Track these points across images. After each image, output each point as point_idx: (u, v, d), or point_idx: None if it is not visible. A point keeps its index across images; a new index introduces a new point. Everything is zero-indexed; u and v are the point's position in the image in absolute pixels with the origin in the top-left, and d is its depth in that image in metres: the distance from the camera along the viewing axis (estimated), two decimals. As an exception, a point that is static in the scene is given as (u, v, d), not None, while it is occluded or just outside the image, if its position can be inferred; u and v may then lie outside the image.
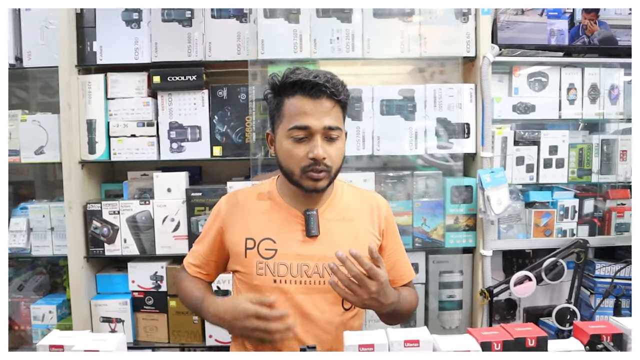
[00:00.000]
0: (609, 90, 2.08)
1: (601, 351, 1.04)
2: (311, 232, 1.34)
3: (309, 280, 1.33)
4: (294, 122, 1.27)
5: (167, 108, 1.98)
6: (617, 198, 2.12)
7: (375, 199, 1.48)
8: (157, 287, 2.03)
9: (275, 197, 1.40)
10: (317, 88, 1.26)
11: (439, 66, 2.10)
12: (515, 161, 2.04)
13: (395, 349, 0.99)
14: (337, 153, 1.31)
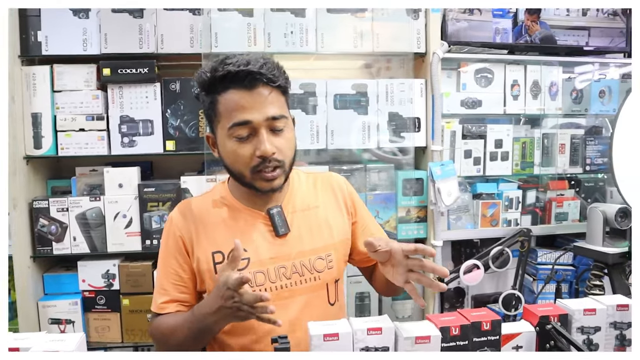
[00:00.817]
0: (549, 87, 2.20)
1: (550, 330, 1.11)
2: (280, 230, 1.25)
3: (289, 282, 1.24)
4: (232, 119, 1.15)
5: (117, 101, 1.93)
6: (556, 189, 2.25)
7: (334, 178, 1.40)
8: (109, 285, 1.98)
9: (231, 202, 1.28)
10: (250, 77, 1.13)
11: (390, 62, 2.15)
12: (463, 154, 2.13)
13: (358, 337, 1.02)
14: (287, 145, 1.20)
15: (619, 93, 2.29)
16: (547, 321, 1.12)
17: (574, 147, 2.25)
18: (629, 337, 1.15)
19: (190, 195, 1.94)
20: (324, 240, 1.29)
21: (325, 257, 1.29)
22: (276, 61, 1.20)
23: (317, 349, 1.00)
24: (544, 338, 1.11)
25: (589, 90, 2.27)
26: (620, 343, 1.16)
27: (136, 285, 1.97)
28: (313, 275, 1.27)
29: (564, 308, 1.17)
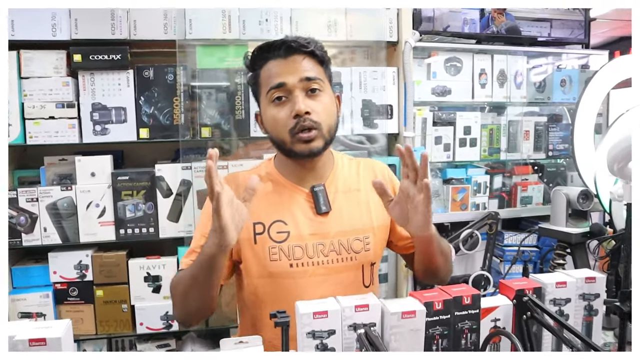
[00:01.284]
0: (514, 76, 2.29)
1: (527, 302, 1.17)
2: (322, 208, 1.28)
3: (326, 259, 1.27)
4: (269, 84, 1.22)
5: (89, 88, 1.89)
6: (521, 174, 2.35)
7: (377, 164, 1.44)
8: (82, 276, 1.94)
9: (276, 178, 1.33)
10: (285, 46, 1.22)
11: (364, 50, 2.18)
12: (434, 141, 2.19)
13: (346, 314, 1.04)
14: (322, 107, 1.23)
15: (579, 82, 2.41)
16: (524, 294, 1.18)
17: (537, 133, 2.35)
18: (596, 308, 1.22)
19: (166, 183, 1.93)
20: (363, 222, 1.32)
21: (363, 238, 1.31)
22: (316, 40, 1.28)
23: (307, 327, 1.02)
24: (520, 310, 1.17)
25: (551, 79, 2.38)
26: (588, 313, 1.23)
27: (110, 275, 1.94)
28: (350, 255, 1.30)
29: (537, 282, 1.22)
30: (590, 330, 1.23)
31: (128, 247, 2.01)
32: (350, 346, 1.04)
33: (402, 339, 1.05)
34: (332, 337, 1.02)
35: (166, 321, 1.97)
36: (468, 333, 1.12)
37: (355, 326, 1.03)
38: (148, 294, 1.96)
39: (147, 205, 1.93)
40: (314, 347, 1.02)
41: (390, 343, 1.04)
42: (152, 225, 1.94)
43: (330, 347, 1.03)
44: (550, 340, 1.19)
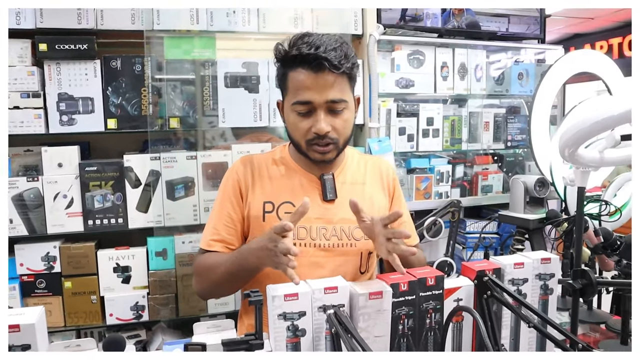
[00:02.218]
0: (475, 69, 2.37)
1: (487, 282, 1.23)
2: (328, 196, 1.35)
3: (328, 243, 1.34)
4: (296, 96, 1.26)
5: (55, 78, 1.87)
6: (481, 164, 2.43)
7: (384, 163, 1.51)
8: (50, 268, 1.92)
9: (288, 163, 1.40)
10: (317, 61, 1.22)
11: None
12: (398, 131, 2.25)
13: (316, 296, 1.08)
14: (343, 125, 1.30)
15: (535, 76, 2.51)
16: (484, 274, 1.24)
17: (496, 125, 2.44)
18: (551, 287, 1.30)
19: (134, 173, 1.93)
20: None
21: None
22: (348, 47, 1.28)
23: (278, 309, 1.05)
24: (481, 289, 1.23)
25: (509, 73, 2.47)
26: (544, 292, 1.30)
27: (78, 266, 1.93)
28: (350, 241, 1.37)
29: (497, 263, 1.29)
30: (546, 308, 1.30)
31: (96, 238, 2.00)
32: (320, 327, 1.08)
33: (369, 318, 1.10)
34: (302, 318, 1.06)
35: (136, 311, 1.98)
36: (432, 313, 1.18)
37: (325, 307, 1.07)
38: (117, 285, 1.96)
39: (116, 196, 1.93)
40: (285, 329, 1.05)
41: (358, 323, 1.08)
42: (120, 216, 1.94)
43: (301, 328, 1.07)
44: (510, 317, 1.25)
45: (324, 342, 1.08)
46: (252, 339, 0.91)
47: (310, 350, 1.08)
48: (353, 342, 0.92)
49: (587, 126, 1.08)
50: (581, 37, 7.04)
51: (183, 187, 1.96)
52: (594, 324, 1.64)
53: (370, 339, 1.10)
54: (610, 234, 1.65)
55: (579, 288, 1.26)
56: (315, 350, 1.09)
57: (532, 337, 1.29)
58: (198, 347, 0.93)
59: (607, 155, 1.24)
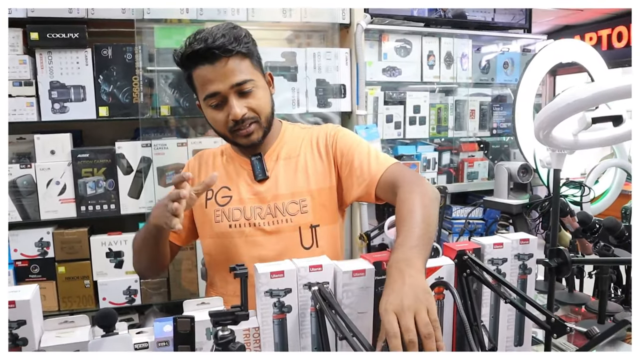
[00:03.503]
0: (460, 58, 2.41)
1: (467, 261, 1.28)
2: (258, 176, 1.38)
3: (263, 222, 1.36)
4: (204, 92, 1.29)
5: (47, 67, 1.90)
6: (468, 151, 2.48)
7: (323, 128, 1.47)
8: (44, 253, 1.96)
9: (229, 152, 1.45)
10: (209, 52, 1.24)
11: (320, 34, 2.26)
12: (385, 119, 2.29)
13: (301, 274, 1.12)
14: (257, 103, 1.31)
15: (520, 65, 2.55)
16: (464, 253, 1.29)
17: (482, 113, 2.49)
18: (530, 267, 1.34)
19: (126, 160, 1.97)
20: (299, 186, 1.40)
21: (299, 202, 1.39)
22: (238, 29, 1.30)
23: (265, 287, 1.09)
24: (461, 268, 1.28)
25: (494, 62, 2.51)
26: (522, 272, 1.35)
27: (72, 252, 1.97)
28: (285, 217, 1.38)
29: (477, 243, 1.34)
30: (525, 287, 1.35)
31: (89, 224, 2.04)
32: (305, 304, 1.12)
33: (353, 295, 1.14)
34: (288, 295, 1.10)
35: (129, 296, 2.02)
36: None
37: (310, 285, 1.11)
38: (110, 270, 2.00)
39: (108, 183, 1.97)
40: (271, 305, 1.09)
41: (342, 300, 1.12)
42: (113, 202, 1.98)
43: (287, 305, 1.11)
44: (489, 296, 1.29)
45: (309, 318, 1.12)
46: (238, 311, 0.95)
47: (296, 326, 1.12)
48: (337, 317, 0.96)
49: (558, 108, 1.13)
50: (571, 28, 7.08)
51: (174, 173, 2.00)
52: (574, 305, 1.69)
53: (354, 315, 1.13)
54: (590, 217, 1.70)
55: (555, 266, 1.31)
56: (300, 325, 1.13)
57: (512, 315, 1.33)
58: (187, 320, 0.97)
59: (580, 138, 1.29)
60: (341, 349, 1.12)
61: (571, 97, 1.11)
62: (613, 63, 5.32)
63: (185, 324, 0.99)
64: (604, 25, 6.68)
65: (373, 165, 1.36)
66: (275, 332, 1.12)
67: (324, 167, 1.41)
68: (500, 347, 1.32)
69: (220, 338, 0.94)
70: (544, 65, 2.28)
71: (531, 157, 2.21)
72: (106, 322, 0.99)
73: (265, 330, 1.11)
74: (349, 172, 1.38)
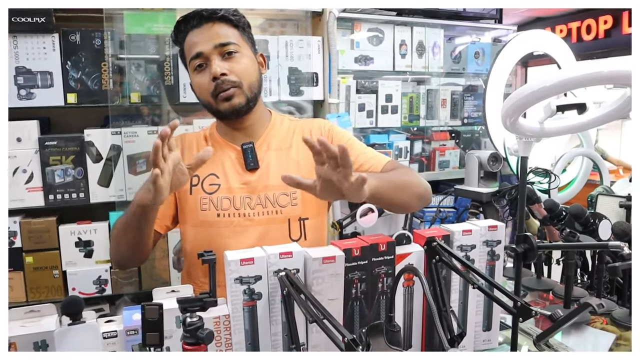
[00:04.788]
0: (432, 47, 2.43)
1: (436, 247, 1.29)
2: (250, 165, 1.37)
3: (252, 212, 1.36)
4: (190, 55, 1.33)
5: (12, 51, 1.84)
6: (439, 140, 2.51)
7: (316, 121, 1.51)
8: (11, 243, 1.92)
9: (215, 137, 1.44)
10: (198, 17, 1.32)
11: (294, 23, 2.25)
12: (357, 107, 2.30)
13: (272, 261, 1.12)
14: (240, 67, 1.33)
15: (491, 55, 2.58)
16: (433, 240, 1.31)
17: (453, 102, 2.51)
18: (498, 253, 1.37)
19: (95, 148, 1.94)
20: None
21: (290, 194, 1.40)
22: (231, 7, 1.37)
23: (235, 274, 1.09)
24: (431, 254, 1.30)
25: (465, 51, 2.54)
26: (491, 258, 1.38)
27: (40, 241, 1.94)
28: (275, 208, 1.39)
29: (446, 230, 1.36)
30: (493, 273, 1.37)
31: (58, 213, 2.00)
32: (275, 291, 1.12)
33: (323, 282, 1.15)
34: (258, 282, 1.11)
35: (99, 285, 2.00)
36: (384, 277, 1.23)
37: (279, 271, 1.12)
38: (80, 259, 1.97)
39: (77, 171, 1.93)
40: (241, 292, 1.10)
41: (312, 286, 1.13)
42: (82, 191, 1.95)
43: (257, 292, 1.11)
44: (459, 282, 1.32)
45: (280, 305, 1.13)
46: (207, 297, 0.95)
47: (267, 313, 1.13)
48: (306, 302, 0.97)
49: (524, 95, 1.15)
50: (542, 20, 7.19)
51: (145, 161, 1.97)
52: (541, 291, 1.74)
53: (325, 302, 1.14)
54: (556, 205, 1.74)
55: (522, 252, 1.34)
56: (270, 312, 1.13)
57: (480, 300, 1.36)
58: (155, 307, 0.97)
59: (546, 126, 1.32)
60: (311, 333, 1.13)
61: (536, 85, 1.13)
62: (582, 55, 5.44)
63: (153, 312, 0.98)
64: (574, 18, 6.81)
65: (372, 158, 1.45)
66: (245, 319, 1.12)
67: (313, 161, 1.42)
68: (469, 332, 1.35)
69: (188, 325, 0.94)
70: (514, 56, 2.32)
71: (501, 146, 2.24)
72: (72, 309, 0.98)
73: (235, 318, 1.11)
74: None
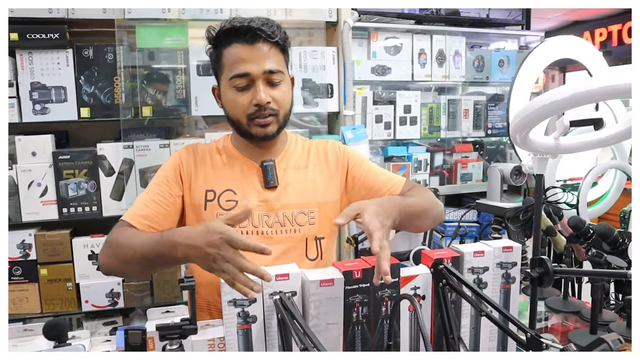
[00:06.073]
0: (454, 56, 2.35)
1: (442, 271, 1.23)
2: (270, 183, 1.34)
3: (270, 230, 1.33)
4: (233, 71, 1.26)
5: (27, 67, 1.88)
6: (461, 151, 2.42)
7: (329, 143, 1.48)
8: (26, 255, 1.95)
9: (230, 151, 1.39)
10: (251, 33, 1.24)
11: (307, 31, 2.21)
12: (374, 119, 2.25)
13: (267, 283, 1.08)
14: (282, 96, 1.30)
15: (516, 63, 2.48)
16: (440, 262, 1.24)
17: (476, 112, 2.43)
18: (513, 275, 1.29)
19: (108, 162, 1.95)
20: (308, 197, 1.38)
21: (308, 212, 1.37)
22: (278, 23, 1.30)
23: (229, 296, 1.05)
24: (437, 278, 1.23)
25: (489, 59, 2.44)
26: (505, 281, 1.30)
27: (54, 254, 1.96)
28: (294, 227, 1.36)
29: (456, 251, 1.29)
30: (508, 297, 1.30)
31: (72, 226, 2.02)
32: (271, 313, 1.08)
33: (321, 305, 1.10)
34: (253, 305, 1.07)
35: (111, 298, 2.00)
36: (388, 301, 1.17)
37: (274, 293, 1.08)
38: (92, 272, 1.98)
39: (90, 184, 1.95)
40: (235, 315, 1.06)
41: (310, 310, 1.09)
42: (95, 204, 1.96)
43: (252, 315, 1.07)
44: (470, 306, 1.25)
45: (276, 328, 1.08)
46: (186, 324, 0.92)
47: (262, 336, 1.09)
48: (297, 326, 0.93)
49: (534, 110, 1.08)
50: (580, 24, 6.95)
51: (155, 175, 1.97)
52: (568, 313, 1.64)
53: (322, 326, 1.10)
54: (582, 222, 1.64)
55: (536, 277, 1.26)
56: (267, 336, 1.10)
57: (494, 326, 1.28)
58: (138, 332, 0.95)
59: (562, 142, 1.24)
60: (306, 361, 1.08)
61: (547, 98, 1.05)
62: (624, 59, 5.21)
63: (136, 336, 0.96)
64: (615, 20, 6.55)
65: (390, 179, 1.43)
66: (239, 342, 1.08)
67: (330, 180, 1.41)
68: (482, 359, 1.28)
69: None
70: (540, 63, 2.21)
71: (527, 159, 2.15)
72: (54, 333, 0.97)
73: (229, 341, 1.08)
74: (363, 185, 1.42)
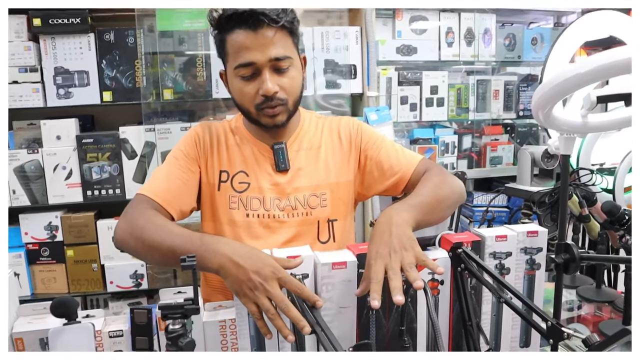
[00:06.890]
0: (483, 34, 2.26)
1: (460, 255, 1.18)
2: (280, 166, 1.31)
3: (282, 213, 1.31)
4: (238, 60, 1.19)
5: (50, 52, 1.91)
6: (491, 134, 2.34)
7: (343, 121, 1.41)
8: (53, 237, 2.00)
9: (242, 132, 1.34)
10: (254, 18, 1.15)
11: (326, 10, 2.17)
12: (399, 100, 2.18)
13: (281, 264, 1.07)
14: (290, 83, 1.23)
15: (551, 41, 2.36)
16: (460, 246, 1.19)
17: (507, 93, 2.33)
18: (539, 262, 1.24)
19: (130, 145, 1.97)
20: (320, 179, 1.34)
21: (320, 195, 1.34)
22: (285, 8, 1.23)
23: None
24: (456, 262, 1.19)
25: (521, 38, 2.34)
26: (530, 267, 1.24)
27: (80, 235, 2.00)
28: (305, 210, 1.32)
29: (477, 235, 1.24)
30: (532, 284, 1.24)
31: (96, 208, 2.05)
32: (283, 296, 1.07)
33: (333, 289, 1.07)
34: (264, 287, 1.05)
35: (135, 280, 2.03)
36: (404, 285, 1.14)
37: (289, 275, 1.06)
38: (117, 254, 2.01)
39: (113, 167, 1.97)
40: (246, 298, 1.04)
41: (322, 293, 1.06)
42: (118, 187, 1.98)
43: (263, 297, 1.05)
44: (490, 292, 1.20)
45: (286, 311, 1.07)
46: (188, 304, 0.91)
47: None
48: (307, 310, 0.91)
49: (557, 84, 1.00)
50: None
51: (179, 158, 1.97)
52: (601, 303, 1.56)
53: (335, 310, 1.07)
54: (617, 207, 1.56)
55: (561, 263, 1.20)
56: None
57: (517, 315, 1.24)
58: (144, 311, 0.95)
59: (591, 120, 1.16)
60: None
61: (570, 71, 0.98)
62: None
63: (142, 315, 0.96)
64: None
65: (402, 159, 1.35)
66: (250, 324, 1.07)
67: (343, 160, 1.36)
68: (504, 347, 1.22)
69: (170, 332, 0.90)
70: (576, 41, 2.10)
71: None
72: (60, 311, 0.97)
73: (241, 323, 1.06)
74: (375, 165, 1.35)
